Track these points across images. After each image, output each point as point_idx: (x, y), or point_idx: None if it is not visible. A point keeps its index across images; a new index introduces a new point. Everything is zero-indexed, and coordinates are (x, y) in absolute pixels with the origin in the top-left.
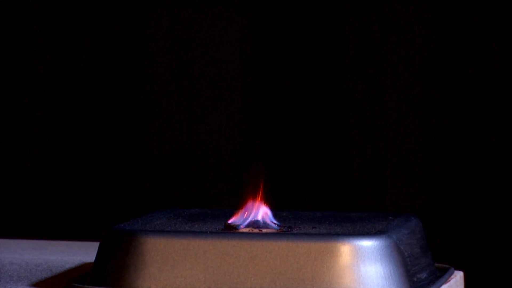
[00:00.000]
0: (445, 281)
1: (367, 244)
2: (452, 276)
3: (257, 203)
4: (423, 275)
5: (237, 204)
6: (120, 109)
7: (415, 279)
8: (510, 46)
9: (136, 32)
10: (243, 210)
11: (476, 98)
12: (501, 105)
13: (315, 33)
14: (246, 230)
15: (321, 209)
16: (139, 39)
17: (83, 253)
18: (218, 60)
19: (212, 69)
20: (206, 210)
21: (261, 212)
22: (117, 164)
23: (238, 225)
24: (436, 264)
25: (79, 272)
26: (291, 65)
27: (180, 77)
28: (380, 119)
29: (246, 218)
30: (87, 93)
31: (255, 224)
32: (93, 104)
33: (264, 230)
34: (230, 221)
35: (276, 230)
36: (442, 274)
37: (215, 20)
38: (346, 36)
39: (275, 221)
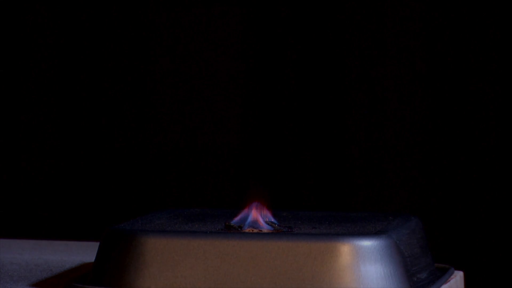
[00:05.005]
0: (445, 281)
1: (367, 244)
2: (452, 276)
3: (256, 205)
4: (423, 275)
5: (238, 206)
6: (120, 109)
7: (415, 279)
8: (510, 46)
9: (136, 32)
10: (242, 212)
11: (476, 98)
12: (501, 105)
13: (316, 33)
14: (246, 230)
15: (321, 209)
16: (140, 39)
17: (83, 253)
18: (218, 60)
19: (212, 69)
20: (206, 210)
21: (260, 214)
22: (117, 164)
23: (240, 226)
24: (436, 264)
25: (79, 272)
26: (292, 65)
27: (180, 77)
28: (380, 119)
29: (246, 220)
30: (87, 93)
31: (255, 224)
32: (93, 104)
33: (264, 230)
34: (231, 222)
35: (271, 231)
36: (442, 274)
37: (215, 20)
38: (346, 36)
39: (274, 221)
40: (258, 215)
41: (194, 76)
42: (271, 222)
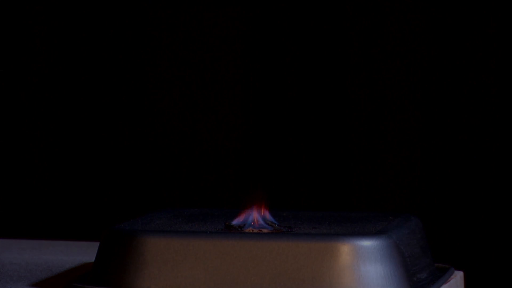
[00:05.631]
0: (445, 281)
1: (367, 244)
2: (452, 276)
3: (256, 206)
4: (423, 275)
5: (238, 206)
6: (120, 109)
7: (415, 279)
8: (510, 46)
9: (136, 32)
10: (242, 213)
11: (476, 98)
12: (501, 105)
13: (316, 33)
14: (246, 230)
15: (321, 209)
16: (140, 39)
17: (83, 253)
18: (218, 60)
19: (212, 69)
20: (206, 210)
21: (260, 214)
22: (117, 164)
23: (240, 226)
24: (436, 264)
25: (79, 272)
26: (292, 65)
27: (180, 77)
28: (380, 119)
29: (246, 220)
30: (87, 93)
31: (255, 224)
32: (93, 104)
33: (264, 230)
34: (232, 222)
35: (271, 231)
36: (442, 274)
37: (215, 20)
38: (347, 36)
39: (274, 221)
40: (258, 215)
41: (194, 76)
42: (271, 222)
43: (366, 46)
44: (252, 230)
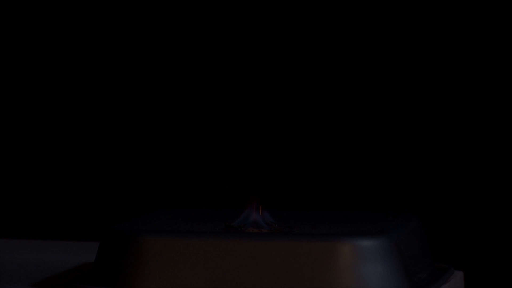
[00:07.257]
0: (445, 281)
1: (367, 244)
2: (452, 276)
3: (255, 206)
4: (423, 275)
5: (238, 206)
6: (120, 108)
7: (415, 279)
8: (510, 46)
9: (136, 31)
10: (242, 213)
11: (476, 97)
12: (501, 105)
13: (316, 32)
14: (247, 230)
15: (321, 209)
16: (139, 38)
17: (83, 253)
18: (218, 60)
19: (212, 69)
20: (206, 210)
21: (259, 214)
22: (117, 163)
23: (241, 226)
24: (436, 264)
25: (79, 272)
26: (292, 65)
27: (179, 77)
28: (380, 119)
29: (246, 220)
30: (86, 92)
31: (255, 224)
32: (93, 103)
33: (264, 230)
34: (234, 223)
35: (271, 230)
36: (442, 274)
37: (215, 19)
38: (347, 35)
39: (272, 221)
40: (257, 216)
41: (193, 75)
42: (271, 222)
43: (366, 45)
44: (252, 230)
